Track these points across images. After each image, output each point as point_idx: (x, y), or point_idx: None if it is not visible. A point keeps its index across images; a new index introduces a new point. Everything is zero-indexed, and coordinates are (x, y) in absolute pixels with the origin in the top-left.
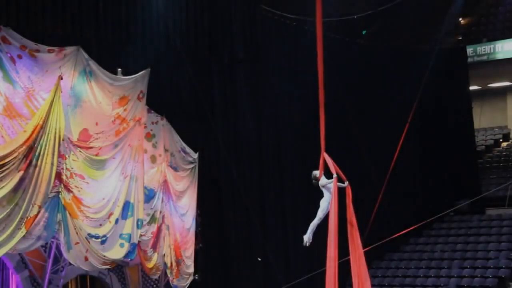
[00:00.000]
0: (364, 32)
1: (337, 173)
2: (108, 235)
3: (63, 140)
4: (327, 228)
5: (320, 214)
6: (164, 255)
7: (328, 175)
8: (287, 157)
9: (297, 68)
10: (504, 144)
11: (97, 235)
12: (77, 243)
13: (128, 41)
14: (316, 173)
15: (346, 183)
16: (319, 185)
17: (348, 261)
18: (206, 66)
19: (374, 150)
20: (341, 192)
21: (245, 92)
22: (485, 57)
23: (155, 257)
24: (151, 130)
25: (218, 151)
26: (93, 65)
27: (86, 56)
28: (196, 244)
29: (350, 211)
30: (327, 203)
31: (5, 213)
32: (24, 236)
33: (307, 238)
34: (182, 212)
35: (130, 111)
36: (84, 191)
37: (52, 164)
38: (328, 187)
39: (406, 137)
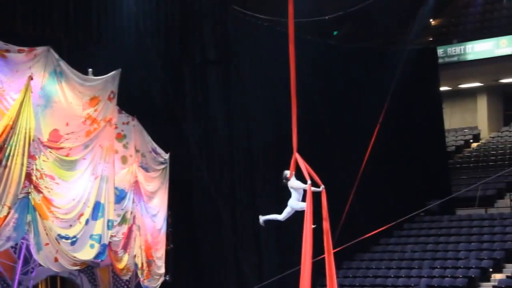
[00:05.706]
0: (335, 33)
1: (311, 177)
2: (78, 236)
3: (33, 140)
4: (299, 229)
5: (285, 213)
6: (135, 255)
7: (300, 176)
8: (258, 158)
9: (269, 69)
10: (475, 144)
11: (67, 236)
12: (47, 244)
13: (99, 41)
14: (287, 173)
15: (322, 187)
16: (288, 185)
17: (317, 262)
18: (177, 66)
19: (345, 150)
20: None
21: (217, 92)
22: (455, 58)
23: (126, 257)
24: (122, 130)
25: (189, 151)
26: (64, 66)
27: (56, 56)
28: (167, 244)
29: (325, 215)
30: (294, 205)
31: None
32: None
33: (262, 219)
34: (153, 213)
35: (101, 111)
36: (54, 192)
37: (22, 164)
38: (298, 189)
39: (377, 138)
